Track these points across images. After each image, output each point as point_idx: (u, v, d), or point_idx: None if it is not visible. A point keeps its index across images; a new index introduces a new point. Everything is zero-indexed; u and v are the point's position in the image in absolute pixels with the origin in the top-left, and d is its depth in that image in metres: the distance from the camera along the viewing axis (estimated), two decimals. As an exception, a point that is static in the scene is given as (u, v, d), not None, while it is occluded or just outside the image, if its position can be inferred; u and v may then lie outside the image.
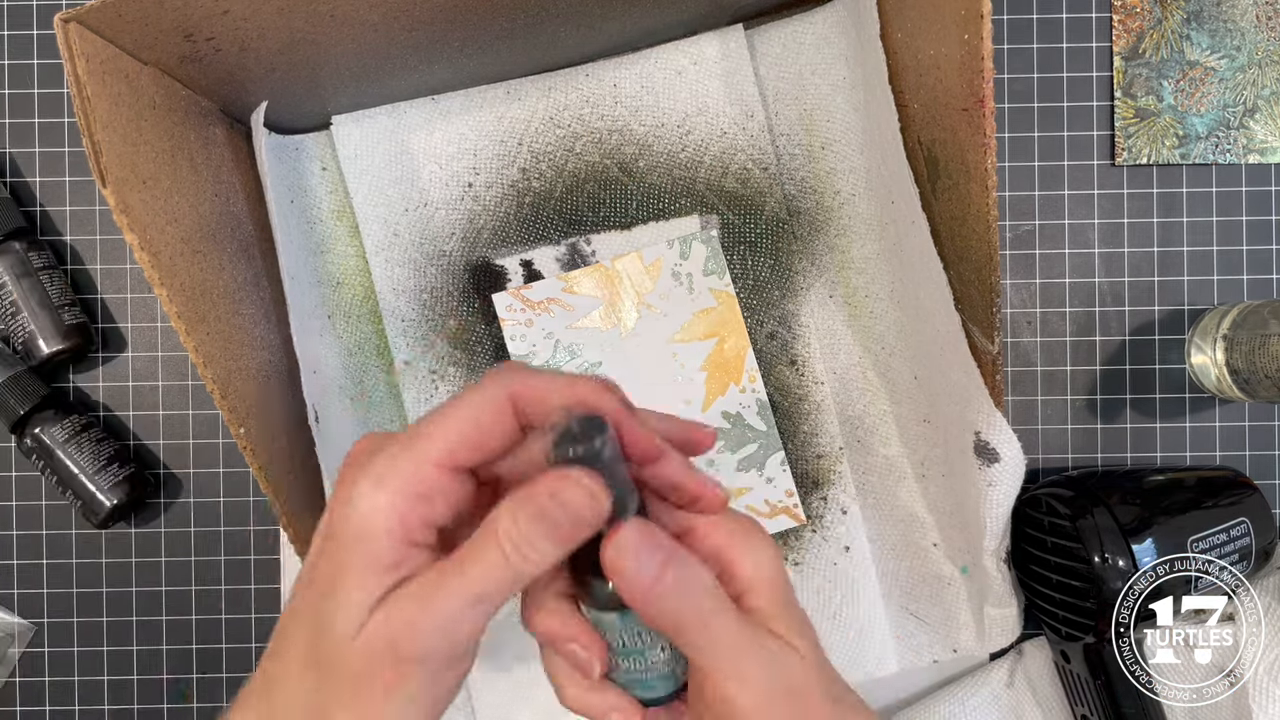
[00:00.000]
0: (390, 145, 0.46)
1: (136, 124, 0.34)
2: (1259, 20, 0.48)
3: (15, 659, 0.49)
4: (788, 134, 0.47)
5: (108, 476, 0.46)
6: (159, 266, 0.33)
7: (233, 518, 0.49)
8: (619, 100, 0.47)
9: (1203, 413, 0.49)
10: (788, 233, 0.47)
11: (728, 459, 0.46)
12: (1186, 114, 0.49)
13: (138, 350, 0.49)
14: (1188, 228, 0.49)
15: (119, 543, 0.49)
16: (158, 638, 0.49)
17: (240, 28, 0.36)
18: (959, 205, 0.37)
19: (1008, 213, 0.49)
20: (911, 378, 0.46)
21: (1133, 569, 0.40)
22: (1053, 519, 0.42)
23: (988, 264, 0.36)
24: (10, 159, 0.49)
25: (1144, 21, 0.49)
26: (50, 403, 0.46)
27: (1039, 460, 0.49)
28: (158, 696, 0.49)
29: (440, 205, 0.47)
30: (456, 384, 0.47)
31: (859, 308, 0.47)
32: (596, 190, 0.47)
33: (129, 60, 0.35)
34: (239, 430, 0.35)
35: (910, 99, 0.40)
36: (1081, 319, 0.49)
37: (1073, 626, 0.42)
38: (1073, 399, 0.49)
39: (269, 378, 0.40)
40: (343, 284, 0.47)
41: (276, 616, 0.48)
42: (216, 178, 0.40)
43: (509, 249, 0.47)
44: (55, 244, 0.49)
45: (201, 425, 0.49)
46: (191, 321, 0.34)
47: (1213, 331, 0.47)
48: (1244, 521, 0.43)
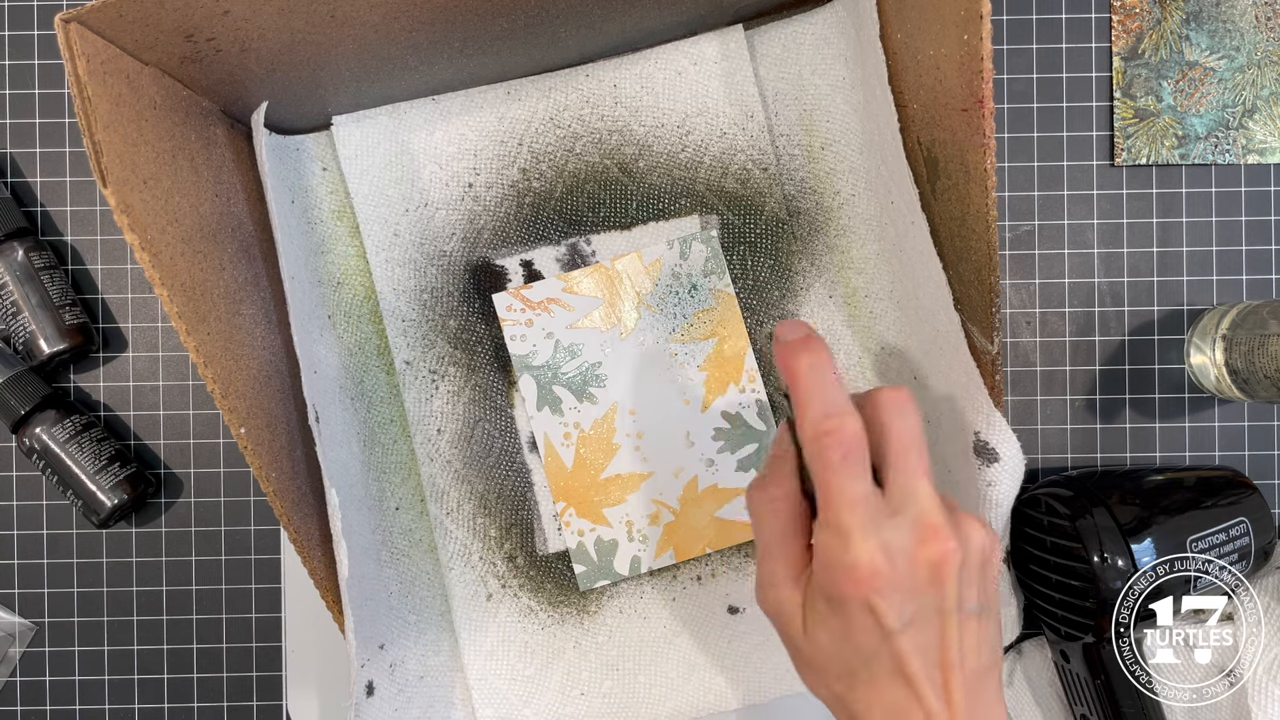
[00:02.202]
0: (391, 146, 0.46)
1: (137, 124, 0.34)
2: (1258, 20, 0.48)
3: (16, 659, 0.49)
4: (787, 134, 0.47)
5: (108, 476, 0.46)
6: (159, 267, 0.33)
7: (233, 518, 0.49)
8: (619, 101, 0.47)
9: (1202, 413, 0.49)
10: (787, 233, 0.47)
11: (728, 459, 0.46)
12: (1186, 114, 0.49)
13: (138, 350, 0.49)
14: (1187, 228, 0.49)
15: (119, 542, 0.49)
16: (158, 637, 0.49)
17: (241, 28, 0.36)
18: (958, 205, 0.37)
19: (1007, 213, 0.49)
20: (911, 378, 0.46)
21: (1132, 569, 0.40)
22: (1052, 519, 0.42)
23: (987, 264, 0.36)
24: (11, 159, 0.49)
25: (1143, 22, 0.49)
26: (51, 403, 0.46)
27: (1038, 460, 0.49)
28: (159, 696, 0.49)
29: (440, 205, 0.47)
30: (456, 384, 0.47)
31: (859, 308, 0.47)
32: (596, 190, 0.47)
33: (130, 61, 0.35)
34: (239, 430, 0.35)
35: (910, 99, 0.40)
36: (1081, 319, 0.49)
37: (1072, 626, 0.42)
38: (1072, 399, 0.49)
39: (269, 378, 0.40)
40: (343, 284, 0.47)
41: (277, 616, 0.49)
42: (217, 178, 0.40)
43: (509, 249, 0.47)
44: (56, 244, 0.49)
45: (202, 425, 0.49)
46: (192, 321, 0.34)
47: (1212, 331, 0.47)
48: (1243, 521, 0.43)
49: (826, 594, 0.31)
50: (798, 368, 0.32)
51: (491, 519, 0.47)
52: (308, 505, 0.40)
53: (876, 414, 0.32)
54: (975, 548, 0.31)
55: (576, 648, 0.46)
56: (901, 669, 0.30)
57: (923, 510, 0.31)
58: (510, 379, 0.47)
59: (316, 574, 0.39)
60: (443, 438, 0.47)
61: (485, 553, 0.46)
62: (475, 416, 0.47)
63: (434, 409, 0.47)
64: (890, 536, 0.30)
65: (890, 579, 0.30)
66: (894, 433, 0.32)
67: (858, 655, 0.31)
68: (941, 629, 0.30)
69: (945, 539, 0.30)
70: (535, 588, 0.47)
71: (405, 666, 0.44)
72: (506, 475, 0.47)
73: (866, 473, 0.31)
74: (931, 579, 0.30)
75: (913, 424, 0.32)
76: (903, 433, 0.32)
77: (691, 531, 0.46)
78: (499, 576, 0.46)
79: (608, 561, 0.46)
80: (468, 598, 0.46)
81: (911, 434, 0.32)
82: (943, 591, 0.30)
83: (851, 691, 0.31)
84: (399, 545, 0.46)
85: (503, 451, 0.47)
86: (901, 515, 0.31)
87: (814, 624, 0.32)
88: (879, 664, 0.30)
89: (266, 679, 0.49)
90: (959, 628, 0.30)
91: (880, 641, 0.30)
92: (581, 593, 0.47)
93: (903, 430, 0.32)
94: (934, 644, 0.30)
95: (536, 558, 0.47)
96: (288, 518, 0.38)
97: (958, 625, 0.30)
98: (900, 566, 0.30)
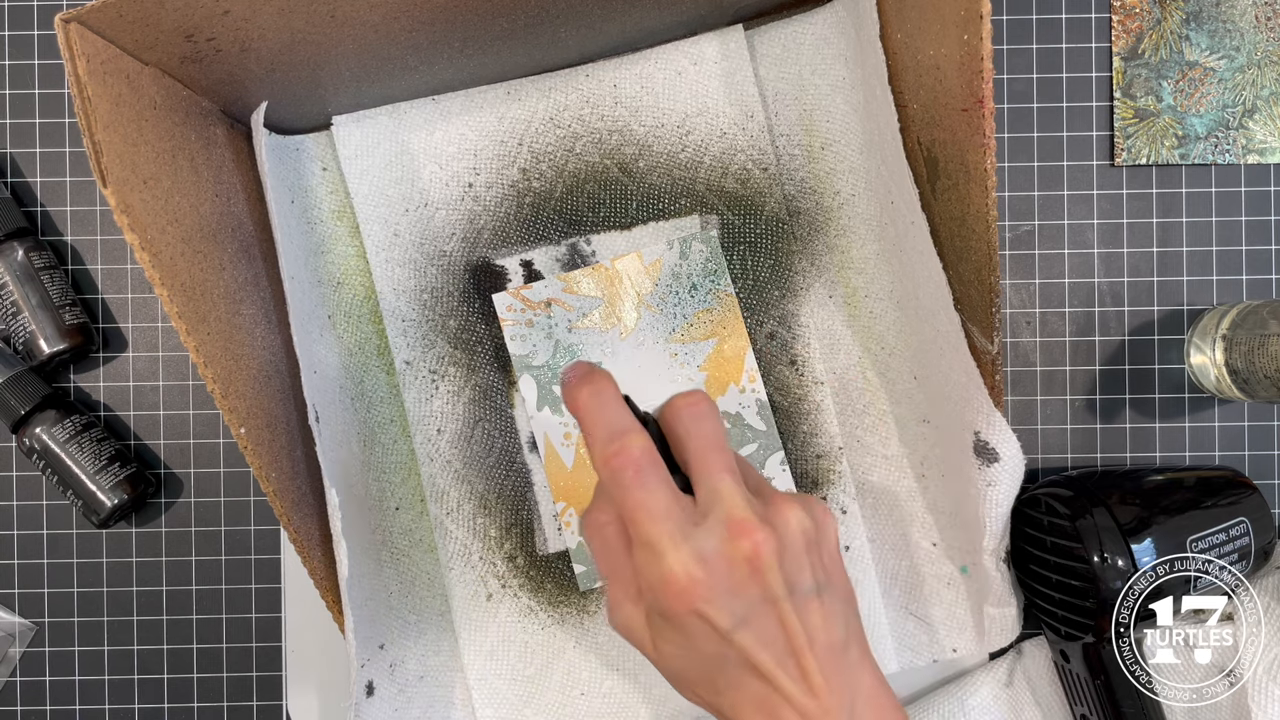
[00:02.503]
0: (391, 146, 0.46)
1: (137, 124, 0.34)
2: (1258, 20, 0.48)
3: (16, 659, 0.49)
4: (787, 134, 0.47)
5: (108, 476, 0.46)
6: (159, 267, 0.33)
7: (233, 518, 0.49)
8: (619, 101, 0.47)
9: (1202, 413, 0.49)
10: (787, 233, 0.47)
11: (727, 459, 0.46)
12: (1186, 114, 0.49)
13: (138, 350, 0.49)
14: (1187, 228, 0.49)
15: (119, 542, 0.49)
16: (158, 637, 0.49)
17: (241, 28, 0.36)
18: (958, 205, 0.37)
19: (1007, 213, 0.49)
20: (911, 378, 0.46)
21: (1132, 569, 0.40)
22: (1052, 519, 0.42)
23: (987, 264, 0.36)
24: (11, 159, 0.49)
25: (1143, 22, 0.49)
26: (51, 403, 0.46)
27: (1038, 460, 0.49)
28: (159, 696, 0.49)
29: (440, 205, 0.47)
30: (456, 384, 0.47)
31: (859, 308, 0.47)
32: (596, 190, 0.47)
33: (130, 61, 0.35)
34: (239, 430, 0.35)
35: (910, 100, 0.40)
36: (1081, 319, 0.49)
37: (1072, 626, 0.42)
38: (1072, 399, 0.49)
39: (269, 378, 0.40)
40: (343, 284, 0.47)
41: (277, 616, 0.49)
42: (217, 178, 0.40)
43: (509, 249, 0.47)
44: (56, 244, 0.49)
45: (202, 425, 0.49)
46: (192, 321, 0.34)
47: (1212, 331, 0.47)
48: (1243, 521, 0.43)
49: (658, 609, 0.31)
50: (579, 400, 0.32)
51: (491, 519, 0.47)
52: (308, 505, 0.40)
53: (673, 422, 0.33)
54: (793, 530, 0.31)
55: (576, 648, 0.46)
56: (752, 665, 0.30)
57: (728, 508, 0.31)
58: (510, 379, 0.47)
59: (316, 574, 0.39)
60: (443, 438, 0.47)
61: (485, 553, 0.46)
62: (475, 416, 0.47)
63: (434, 409, 0.47)
64: (701, 541, 0.30)
65: (709, 583, 0.30)
66: (691, 437, 0.32)
67: (708, 662, 0.31)
68: (779, 617, 0.30)
69: (753, 530, 0.30)
70: (535, 588, 0.47)
71: (405, 666, 0.44)
72: (506, 475, 0.47)
73: (665, 485, 0.31)
74: (750, 572, 0.30)
75: (709, 427, 0.32)
76: (699, 436, 0.32)
77: (691, 531, 0.46)
78: (499, 576, 0.46)
79: (608, 561, 0.46)
80: (468, 598, 0.46)
81: (708, 436, 0.32)
82: (764, 581, 0.30)
83: (718, 697, 0.31)
84: (399, 545, 0.46)
85: (503, 451, 0.47)
86: (710, 518, 0.31)
87: (660, 640, 0.32)
88: (731, 665, 0.30)
89: (266, 679, 0.49)
90: (797, 611, 0.30)
91: (722, 644, 0.30)
92: (581, 593, 0.47)
93: (698, 433, 0.32)
94: (776, 634, 0.30)
95: (536, 558, 0.47)
96: (288, 518, 0.38)
97: (794, 609, 0.30)
98: (718, 568, 0.30)
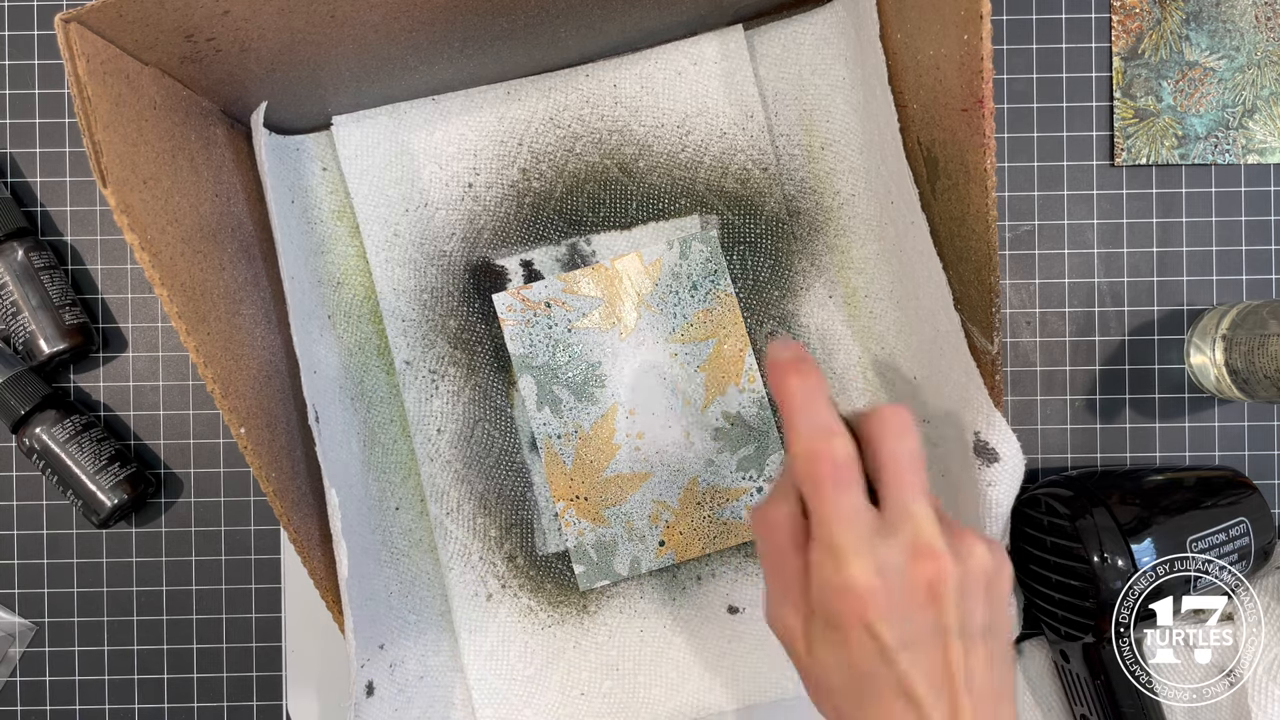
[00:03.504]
0: (391, 146, 0.46)
1: (137, 124, 0.34)
2: (1258, 20, 0.48)
3: (16, 659, 0.49)
4: (787, 134, 0.47)
5: (108, 476, 0.46)
6: (159, 267, 0.33)
7: (233, 518, 0.49)
8: (619, 101, 0.47)
9: (1202, 413, 0.49)
10: (787, 233, 0.47)
11: (727, 459, 0.46)
12: (1186, 114, 0.49)
13: (138, 350, 0.49)
14: (1187, 228, 0.49)
15: (119, 542, 0.49)
16: (158, 637, 0.49)
17: (241, 28, 0.36)
18: (958, 205, 0.37)
19: (1007, 213, 0.49)
20: (911, 378, 0.46)
21: (1132, 569, 0.40)
22: (1052, 519, 0.42)
23: (987, 264, 0.36)
24: (11, 159, 0.49)
25: (1143, 22, 0.49)
26: (51, 403, 0.46)
27: (1038, 460, 0.49)
28: (159, 696, 0.49)
29: (440, 205, 0.47)
30: (456, 384, 0.47)
31: (858, 308, 0.47)
32: (596, 190, 0.47)
33: (130, 61, 0.35)
34: (239, 430, 0.35)
35: (910, 99, 0.40)
36: (1080, 319, 0.49)
37: (1072, 626, 0.42)
38: (1072, 399, 0.49)
39: (269, 378, 0.40)
40: (343, 284, 0.47)
41: (277, 616, 0.49)
42: (217, 178, 0.40)
43: (509, 249, 0.47)
44: (56, 244, 0.49)
45: (201, 425, 0.49)
46: (192, 321, 0.34)
47: (1212, 332, 0.47)
48: (1243, 521, 0.43)
49: (824, 613, 0.31)
50: (788, 388, 0.32)
51: (491, 519, 0.47)
52: (308, 505, 0.40)
53: (875, 433, 0.32)
54: (975, 566, 0.31)
55: (576, 648, 0.46)
56: (905, 690, 0.29)
57: (918, 530, 0.30)
58: (510, 379, 0.47)
59: (316, 574, 0.39)
60: (443, 438, 0.47)
61: (485, 553, 0.46)
62: (475, 416, 0.47)
63: (434, 409, 0.47)
64: (885, 555, 0.30)
65: (886, 598, 0.29)
66: (892, 452, 0.32)
67: (861, 675, 0.30)
68: (944, 649, 0.30)
69: (939, 556, 0.30)
70: (535, 588, 0.47)
71: (405, 666, 0.44)
72: (506, 475, 0.47)
73: (859, 492, 0.31)
74: (928, 598, 0.30)
75: (911, 444, 0.32)
76: (901, 453, 0.32)
77: (691, 531, 0.46)
78: (499, 576, 0.46)
79: (607, 561, 0.46)
80: (468, 598, 0.46)
81: (910, 454, 0.32)
82: (940, 609, 0.30)
83: (859, 711, 0.31)
84: (399, 545, 0.46)
85: (503, 451, 0.47)
86: (897, 535, 0.30)
87: (816, 643, 0.31)
88: (883, 684, 0.30)
89: (266, 679, 0.49)
90: (963, 648, 0.30)
91: (881, 662, 0.30)
92: (581, 593, 0.47)
93: (900, 450, 0.32)
94: (937, 665, 0.30)
95: (536, 558, 0.47)
96: (288, 518, 0.38)
97: (961, 646, 0.30)
98: (895, 585, 0.30)
